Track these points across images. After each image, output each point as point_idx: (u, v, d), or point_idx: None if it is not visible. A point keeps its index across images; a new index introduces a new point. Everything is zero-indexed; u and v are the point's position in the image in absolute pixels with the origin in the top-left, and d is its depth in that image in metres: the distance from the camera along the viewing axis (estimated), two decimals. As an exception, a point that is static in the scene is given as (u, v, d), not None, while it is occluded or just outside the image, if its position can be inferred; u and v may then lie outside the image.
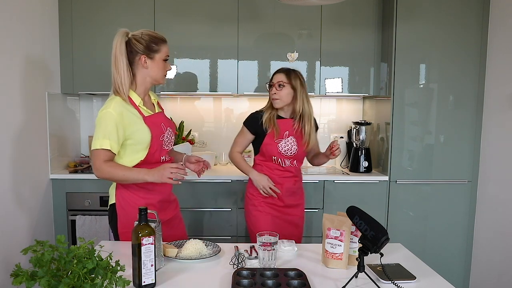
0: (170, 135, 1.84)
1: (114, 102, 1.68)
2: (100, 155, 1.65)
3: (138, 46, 1.73)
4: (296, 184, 2.27)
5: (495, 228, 2.77)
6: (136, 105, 1.73)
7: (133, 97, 1.74)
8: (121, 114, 1.65)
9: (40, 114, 2.69)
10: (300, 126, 2.18)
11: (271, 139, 2.18)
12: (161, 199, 1.81)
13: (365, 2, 3.00)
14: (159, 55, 1.76)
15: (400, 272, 1.43)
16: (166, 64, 1.80)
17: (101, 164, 1.65)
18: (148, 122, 1.73)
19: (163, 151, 1.80)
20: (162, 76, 1.80)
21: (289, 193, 2.24)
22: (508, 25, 2.68)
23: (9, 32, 2.32)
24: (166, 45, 1.78)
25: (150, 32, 1.76)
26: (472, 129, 2.90)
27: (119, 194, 1.78)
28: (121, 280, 1.12)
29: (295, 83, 2.15)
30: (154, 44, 1.74)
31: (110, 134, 1.64)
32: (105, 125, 1.64)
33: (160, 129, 1.78)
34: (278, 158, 2.20)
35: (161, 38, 1.77)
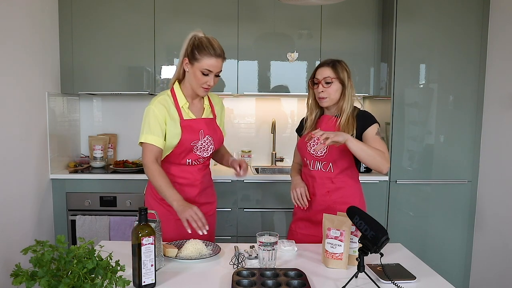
0: (208, 143, 1.81)
1: (158, 99, 1.76)
2: (147, 150, 1.72)
3: (187, 47, 1.73)
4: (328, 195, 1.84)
5: (495, 228, 2.77)
6: (180, 106, 1.76)
7: (179, 97, 1.78)
8: (162, 113, 1.73)
9: (40, 114, 2.69)
10: (337, 122, 1.82)
11: (303, 139, 1.92)
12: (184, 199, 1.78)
13: (365, 2, 3.00)
14: (198, 65, 1.70)
15: (400, 272, 1.42)
16: (206, 77, 1.71)
17: (150, 164, 1.71)
18: (184, 125, 1.75)
19: (192, 156, 1.80)
20: (196, 86, 1.74)
21: (318, 204, 1.86)
22: (508, 25, 2.68)
23: (9, 32, 2.32)
24: (211, 60, 1.68)
25: (206, 39, 1.72)
26: (472, 129, 2.90)
27: (148, 187, 1.90)
28: (121, 280, 1.12)
29: (343, 77, 1.81)
30: (197, 52, 1.69)
31: (154, 129, 1.72)
32: (148, 120, 1.73)
33: (195, 135, 1.77)
34: (307, 159, 1.89)
35: (209, 48, 1.69)
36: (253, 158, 3.41)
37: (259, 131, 3.44)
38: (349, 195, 1.84)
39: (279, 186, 2.89)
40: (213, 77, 1.73)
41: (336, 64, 1.84)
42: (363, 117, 1.83)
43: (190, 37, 1.75)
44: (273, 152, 3.38)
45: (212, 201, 1.97)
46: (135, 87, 3.00)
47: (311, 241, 1.78)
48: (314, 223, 1.84)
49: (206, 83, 1.72)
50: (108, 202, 2.81)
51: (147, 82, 2.99)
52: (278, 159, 3.39)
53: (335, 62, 1.85)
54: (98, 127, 3.35)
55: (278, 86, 3.05)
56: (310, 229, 1.88)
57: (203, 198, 1.89)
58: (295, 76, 3.04)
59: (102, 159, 3.07)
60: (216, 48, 1.70)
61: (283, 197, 2.88)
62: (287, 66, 3.02)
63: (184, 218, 1.57)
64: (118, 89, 2.99)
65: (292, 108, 3.44)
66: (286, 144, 3.35)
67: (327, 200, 1.84)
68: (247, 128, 3.45)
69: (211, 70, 1.70)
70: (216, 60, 1.70)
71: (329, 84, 1.81)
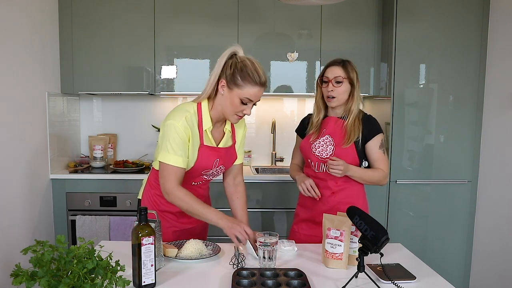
0: (219, 171, 1.72)
1: (185, 116, 1.57)
2: (170, 171, 1.55)
3: (227, 68, 1.55)
4: (332, 196, 1.84)
5: (495, 228, 2.77)
6: (203, 129, 1.61)
7: (205, 119, 1.61)
8: (187, 132, 1.57)
9: (40, 114, 2.69)
10: (343, 124, 1.82)
11: (307, 140, 1.90)
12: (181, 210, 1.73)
13: (365, 2, 3.00)
14: (238, 92, 1.52)
15: (400, 272, 1.42)
16: (243, 106, 1.55)
17: (174, 189, 1.56)
18: (201, 152, 1.62)
19: (199, 179, 1.72)
20: (229, 113, 1.57)
21: (322, 204, 1.84)
22: (508, 25, 2.68)
23: (9, 32, 2.32)
24: (255, 88, 1.52)
25: (251, 64, 1.54)
26: (472, 129, 2.90)
27: (145, 193, 1.80)
28: (121, 280, 1.12)
29: (352, 77, 1.79)
30: (239, 78, 1.52)
31: (178, 149, 1.55)
32: (173, 138, 1.54)
33: (209, 163, 1.65)
34: (311, 161, 1.88)
35: (254, 76, 1.51)
36: (253, 158, 3.41)
37: (259, 131, 3.44)
38: (352, 195, 1.85)
39: (279, 186, 2.89)
40: (250, 106, 1.57)
41: (347, 64, 1.83)
42: (368, 124, 1.83)
43: (229, 55, 1.56)
44: (273, 152, 3.38)
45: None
46: (135, 87, 3.00)
47: (314, 241, 1.78)
48: (317, 224, 1.84)
49: (242, 111, 1.56)
50: (108, 202, 2.81)
51: (147, 82, 2.99)
52: (278, 159, 3.39)
53: (346, 62, 1.83)
54: (98, 127, 3.35)
55: (278, 86, 3.05)
56: (313, 230, 1.87)
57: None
58: (295, 76, 3.04)
59: (102, 159, 3.07)
60: (261, 75, 1.53)
61: (283, 197, 2.88)
62: (287, 66, 3.02)
63: (233, 235, 1.51)
64: (118, 89, 2.99)
65: (292, 108, 3.44)
66: (286, 144, 3.35)
67: (331, 201, 1.84)
68: (247, 128, 3.43)
69: (252, 99, 1.54)
70: (259, 90, 1.53)
71: (340, 84, 1.79)
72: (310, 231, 1.89)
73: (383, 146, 1.84)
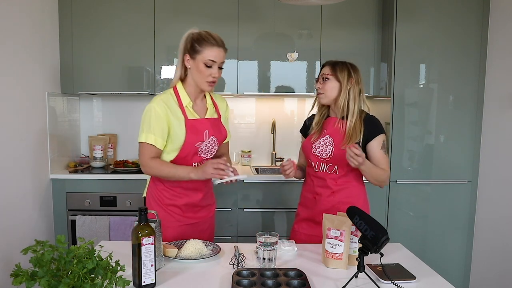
0: (213, 144, 1.78)
1: (161, 97, 1.70)
2: (146, 150, 1.69)
3: (185, 44, 1.71)
4: (332, 196, 1.84)
5: (495, 228, 2.77)
6: (183, 105, 1.71)
7: (182, 96, 1.72)
8: (164, 111, 1.67)
9: (40, 114, 2.69)
10: (344, 125, 1.83)
11: (308, 139, 1.92)
12: (186, 203, 1.80)
13: (365, 2, 3.00)
14: (200, 57, 1.66)
15: (400, 272, 1.43)
16: (209, 69, 1.67)
17: (148, 161, 1.69)
18: (188, 126, 1.70)
19: (197, 158, 1.76)
20: (200, 80, 1.69)
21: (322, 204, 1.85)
22: (508, 25, 2.68)
23: (9, 32, 2.32)
24: (213, 49, 1.65)
25: (205, 32, 1.69)
26: (472, 129, 2.90)
27: (149, 190, 1.86)
28: (121, 280, 1.12)
29: (340, 75, 1.82)
30: (197, 44, 1.66)
31: (154, 129, 1.66)
32: (149, 119, 1.67)
33: (200, 136, 1.72)
34: (312, 161, 1.89)
35: (209, 39, 1.66)
36: (253, 158, 3.41)
37: (259, 131, 3.44)
38: (353, 195, 1.85)
39: (279, 186, 2.89)
40: (217, 69, 1.69)
41: (338, 64, 1.86)
42: (370, 124, 1.83)
43: (186, 35, 1.72)
44: (273, 152, 3.38)
45: (212, 203, 1.96)
46: (135, 87, 3.00)
47: (315, 241, 1.78)
48: (317, 223, 1.83)
49: (210, 75, 1.68)
50: (108, 202, 2.81)
51: (147, 82, 2.99)
52: (278, 159, 3.38)
53: (338, 62, 1.87)
54: (98, 127, 3.35)
55: (278, 86, 3.05)
56: (314, 229, 1.87)
57: (204, 201, 1.88)
58: (295, 76, 3.04)
59: (102, 159, 3.07)
60: (216, 38, 1.68)
61: (283, 197, 2.88)
62: (287, 66, 3.02)
63: (209, 174, 1.62)
64: (118, 89, 2.99)
65: (292, 108, 3.44)
66: (286, 144, 3.35)
67: (332, 201, 1.84)
68: (247, 128, 3.45)
69: (215, 60, 1.66)
70: (218, 50, 1.66)
71: (326, 80, 1.84)
72: (310, 230, 1.89)
73: (385, 147, 1.84)
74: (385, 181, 1.85)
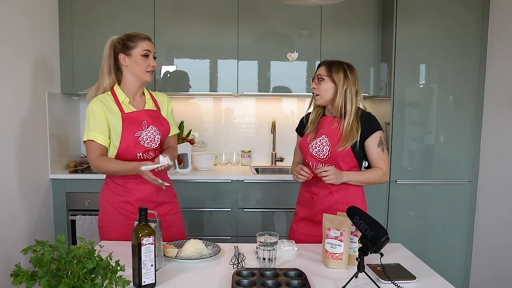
0: (154, 133, 1.83)
1: (97, 98, 1.81)
2: (90, 148, 1.78)
3: (117, 46, 1.82)
4: (330, 195, 1.84)
5: (495, 228, 2.77)
6: (120, 101, 1.81)
7: (118, 93, 1.82)
8: (101, 108, 1.77)
9: (40, 114, 2.69)
10: (340, 125, 1.82)
11: (304, 139, 1.91)
12: (138, 198, 1.82)
13: (365, 2, 3.00)
14: (136, 51, 1.79)
15: (400, 272, 1.43)
16: (147, 60, 1.81)
17: (94, 159, 1.77)
18: (125, 118, 1.78)
19: (140, 148, 1.80)
20: (141, 72, 1.81)
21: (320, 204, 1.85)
22: (508, 25, 2.68)
23: (9, 32, 2.32)
24: (145, 41, 1.81)
25: (131, 32, 1.84)
26: (472, 129, 2.90)
27: (102, 191, 1.90)
28: (121, 280, 1.12)
29: (336, 77, 1.80)
30: (129, 42, 1.80)
31: (93, 126, 1.76)
32: (87, 118, 1.78)
33: (138, 126, 1.79)
34: (309, 161, 1.88)
35: (138, 35, 1.81)
36: (253, 158, 3.41)
37: (259, 131, 3.44)
38: (351, 195, 1.84)
39: (279, 186, 2.89)
40: (153, 58, 1.84)
41: (334, 64, 1.84)
42: (366, 121, 1.82)
43: (111, 41, 1.85)
44: (273, 152, 3.38)
45: (171, 200, 1.94)
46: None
47: (313, 241, 1.78)
48: (316, 223, 1.84)
49: (149, 65, 1.82)
50: (108, 202, 2.81)
51: (147, 82, 2.99)
52: (278, 159, 3.39)
53: (334, 62, 1.85)
54: (98, 127, 3.35)
55: (278, 86, 3.05)
56: (312, 228, 1.87)
57: (161, 197, 1.88)
58: (295, 76, 3.04)
59: (102, 159, 3.07)
60: (142, 33, 1.84)
61: (283, 197, 2.88)
62: (287, 66, 3.02)
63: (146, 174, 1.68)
64: (118, 89, 2.99)
65: (292, 108, 3.44)
66: (286, 144, 3.35)
67: (330, 200, 1.83)
68: (247, 128, 3.45)
69: (150, 50, 1.82)
70: (148, 42, 1.82)
71: (321, 80, 1.83)
72: (309, 230, 1.89)
73: (383, 144, 1.83)
74: (382, 179, 1.85)
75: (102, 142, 1.77)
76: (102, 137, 1.77)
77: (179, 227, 1.96)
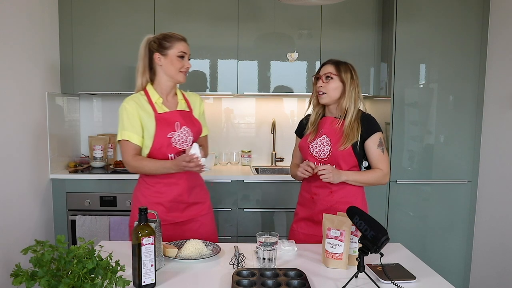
0: (186, 134, 1.84)
1: (130, 97, 1.82)
2: (124, 148, 1.79)
3: (153, 45, 1.83)
4: (330, 195, 1.84)
5: (495, 228, 2.77)
6: (153, 102, 1.81)
7: (151, 93, 1.83)
8: (134, 107, 1.78)
9: (40, 114, 2.69)
10: (341, 125, 1.82)
11: (305, 140, 1.91)
12: (170, 199, 1.82)
13: (365, 2, 3.00)
14: (172, 51, 1.81)
15: (400, 272, 1.43)
16: (182, 61, 1.82)
17: (129, 158, 1.78)
18: (158, 119, 1.78)
19: (172, 150, 1.81)
20: (175, 72, 1.82)
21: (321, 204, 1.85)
22: (508, 25, 2.68)
23: (9, 32, 2.32)
24: (181, 43, 1.83)
25: (167, 32, 1.85)
26: (472, 129, 2.90)
27: (134, 191, 1.92)
28: (121, 280, 1.12)
29: (345, 76, 1.81)
30: (166, 42, 1.81)
31: (127, 126, 1.77)
32: (121, 118, 1.79)
33: (171, 127, 1.80)
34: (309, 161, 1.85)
35: (174, 35, 1.83)
36: (253, 158, 3.41)
37: (259, 131, 3.44)
38: (351, 195, 1.84)
39: (279, 186, 2.89)
40: (187, 60, 1.85)
41: (341, 63, 1.86)
42: (366, 122, 1.83)
43: (146, 39, 1.86)
44: (273, 152, 3.38)
45: (203, 200, 1.95)
46: (135, 87, 2.99)
47: (313, 241, 1.78)
48: (316, 223, 1.84)
49: (184, 66, 1.83)
50: (108, 202, 2.81)
51: (147, 82, 2.99)
52: (278, 159, 3.39)
53: (340, 62, 1.87)
54: (98, 127, 3.35)
55: (278, 86, 3.05)
56: (312, 228, 1.87)
57: (192, 197, 1.88)
58: (295, 76, 3.04)
59: (102, 159, 3.08)
60: (178, 34, 1.86)
61: (283, 197, 2.88)
62: (287, 66, 3.03)
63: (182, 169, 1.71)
64: (118, 89, 2.99)
65: (292, 108, 3.44)
66: (286, 144, 3.35)
67: (330, 200, 1.83)
68: (247, 128, 3.45)
69: (186, 51, 1.83)
70: (184, 43, 1.85)
71: (329, 79, 1.82)
72: (309, 230, 1.89)
73: (382, 145, 1.84)
74: (381, 180, 1.85)
75: (137, 142, 1.78)
76: (137, 137, 1.78)
77: (210, 228, 1.96)
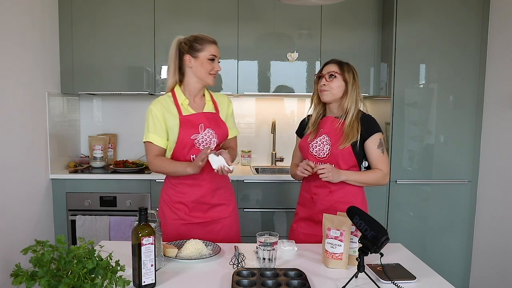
0: (210, 136, 1.83)
1: (158, 99, 1.85)
2: (148, 149, 1.82)
3: (184, 47, 1.83)
4: (330, 195, 1.83)
5: (495, 228, 2.77)
6: (179, 103, 1.82)
7: (178, 95, 1.84)
8: (160, 110, 1.80)
9: (40, 114, 2.69)
10: (341, 124, 1.82)
11: (305, 139, 1.92)
12: (193, 200, 1.84)
13: (365, 2, 3.00)
14: (203, 54, 1.81)
15: (400, 272, 1.43)
16: (212, 63, 1.82)
17: (151, 159, 1.82)
18: (182, 121, 1.80)
19: (195, 151, 1.82)
20: (205, 74, 1.82)
21: (320, 203, 1.85)
22: (508, 25, 2.68)
23: (9, 31, 2.32)
24: (212, 45, 1.83)
25: (198, 34, 1.85)
26: (472, 129, 2.90)
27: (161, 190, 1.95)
28: (121, 280, 1.12)
29: (348, 76, 1.83)
30: (197, 44, 1.82)
31: (152, 128, 1.80)
32: (147, 119, 1.82)
33: (195, 129, 1.81)
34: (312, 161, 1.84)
35: (206, 38, 1.84)
36: (253, 158, 3.41)
37: (259, 131, 3.44)
38: (351, 195, 1.84)
39: (279, 186, 2.89)
40: (217, 63, 1.85)
41: (343, 63, 1.88)
42: (366, 123, 1.84)
43: (177, 41, 1.86)
44: (273, 152, 3.38)
45: (227, 202, 1.93)
46: (135, 87, 3.00)
47: (313, 240, 1.78)
48: (316, 223, 1.84)
49: (213, 69, 1.83)
50: (108, 202, 2.81)
51: (147, 82, 2.99)
52: (278, 159, 3.39)
53: (343, 62, 1.89)
54: (98, 127, 3.35)
55: (278, 86, 3.05)
56: (312, 228, 1.87)
57: (216, 199, 1.88)
58: (295, 76, 3.04)
59: (102, 159, 3.07)
60: (209, 36, 1.86)
61: (283, 197, 2.88)
62: (287, 66, 3.03)
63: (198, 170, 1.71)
64: (118, 89, 2.99)
65: (292, 108, 3.44)
66: (286, 144, 3.35)
67: (330, 200, 1.84)
68: (247, 128, 3.45)
69: (216, 54, 1.84)
70: (215, 46, 1.85)
71: (332, 77, 1.83)
72: (309, 229, 1.89)
73: (382, 146, 1.84)
74: (381, 180, 1.85)
75: (160, 144, 1.81)
76: (160, 139, 1.81)
77: (232, 230, 1.96)
